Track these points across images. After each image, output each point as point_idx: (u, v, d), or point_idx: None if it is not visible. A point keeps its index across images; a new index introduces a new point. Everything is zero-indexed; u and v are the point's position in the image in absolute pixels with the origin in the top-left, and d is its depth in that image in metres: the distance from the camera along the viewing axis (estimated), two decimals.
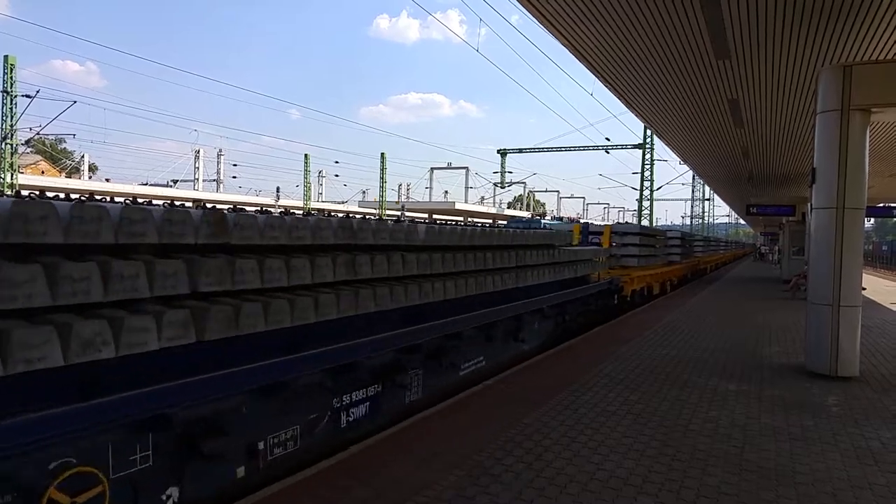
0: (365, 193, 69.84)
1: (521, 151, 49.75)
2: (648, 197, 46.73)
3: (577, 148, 47.91)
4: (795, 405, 5.59)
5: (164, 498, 3.02)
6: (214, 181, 62.20)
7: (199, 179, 59.52)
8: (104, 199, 3.38)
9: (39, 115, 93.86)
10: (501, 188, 52.61)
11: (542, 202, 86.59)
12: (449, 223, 7.61)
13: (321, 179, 68.22)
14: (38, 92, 31.81)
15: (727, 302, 15.32)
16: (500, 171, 50.79)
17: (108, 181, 45.96)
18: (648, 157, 45.77)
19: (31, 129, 35.48)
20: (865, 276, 8.47)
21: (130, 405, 2.74)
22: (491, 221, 41.12)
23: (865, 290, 8.03)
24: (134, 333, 2.86)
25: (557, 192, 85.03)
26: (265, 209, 4.67)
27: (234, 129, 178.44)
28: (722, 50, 8.15)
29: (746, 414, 5.25)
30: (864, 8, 6.66)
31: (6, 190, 32.34)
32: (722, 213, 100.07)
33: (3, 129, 32.11)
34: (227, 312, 3.31)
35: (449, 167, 63.30)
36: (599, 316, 10.98)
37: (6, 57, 31.71)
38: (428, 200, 59.74)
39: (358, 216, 5.47)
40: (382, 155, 53.08)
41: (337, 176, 77.76)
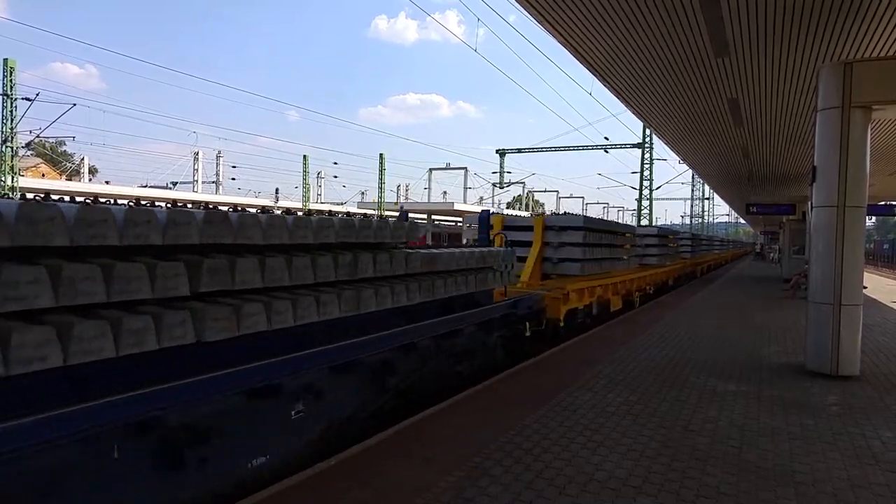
0: (364, 194, 69.92)
1: (519, 151, 49.77)
2: (648, 196, 46.75)
3: (576, 147, 47.95)
4: (795, 405, 5.56)
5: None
6: (213, 183, 62.23)
7: (198, 181, 59.55)
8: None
9: (39, 117, 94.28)
10: (500, 188, 52.66)
11: (541, 202, 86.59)
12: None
13: (320, 181, 68.26)
14: (37, 95, 31.84)
15: (727, 301, 15.29)
16: (498, 171, 50.84)
17: (107, 183, 46.03)
18: (648, 156, 45.83)
19: (30, 131, 35.51)
20: (866, 274, 8.43)
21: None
22: None
23: (867, 288, 7.99)
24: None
25: (556, 192, 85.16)
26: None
27: (232, 130, 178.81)
28: (721, 48, 8.13)
29: (746, 414, 5.23)
30: (864, 4, 6.63)
31: (8, 193, 32.36)
32: (722, 212, 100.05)
33: (3, 132, 32.11)
34: None
35: (448, 168, 63.37)
36: (489, 359, 7.06)
37: (6, 60, 31.70)
38: (427, 201, 59.76)
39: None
40: (381, 156, 53.15)
41: (336, 177, 77.63)
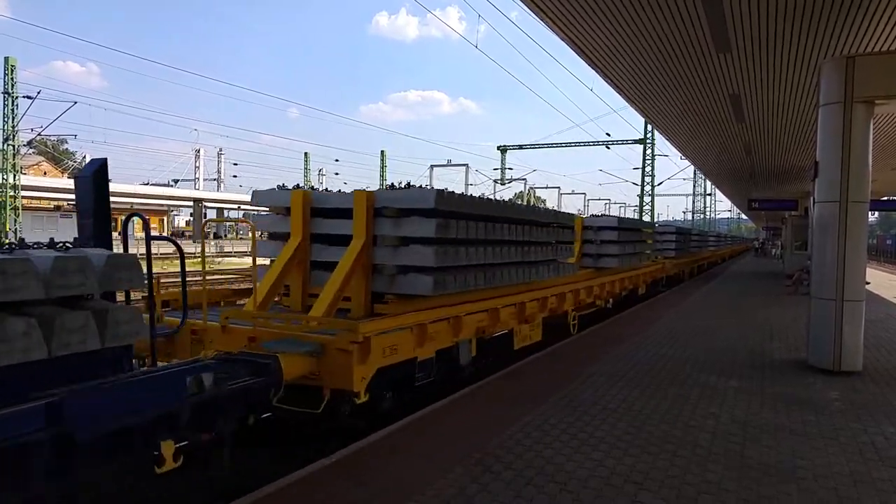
0: None
1: (521, 148, 49.72)
2: (650, 192, 46.68)
3: (577, 144, 47.90)
4: (797, 400, 5.55)
5: None
6: (215, 180, 62.33)
7: (199, 178, 59.61)
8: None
9: (41, 116, 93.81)
10: (502, 185, 52.55)
11: (542, 198, 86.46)
12: None
13: (321, 178, 68.22)
14: (38, 93, 31.92)
15: (729, 297, 15.26)
16: (500, 167, 50.79)
17: (109, 181, 46.00)
18: (649, 152, 45.71)
19: (31, 129, 35.53)
20: (869, 269, 8.41)
21: None
22: None
23: (869, 284, 7.97)
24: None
25: (558, 188, 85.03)
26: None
27: (233, 127, 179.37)
28: (722, 43, 8.09)
29: (748, 410, 5.22)
30: None
31: (10, 192, 32.38)
32: (724, 208, 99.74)
33: (4, 130, 32.15)
34: None
35: (449, 164, 63.11)
36: None
37: (6, 58, 31.74)
38: None
39: None
40: (382, 153, 53.20)
41: (337, 174, 77.57)
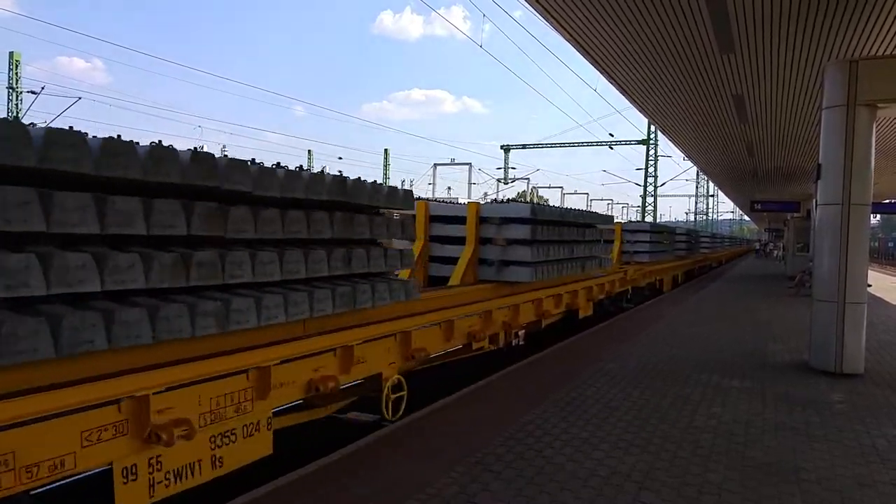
0: None
1: (524, 147, 49.74)
2: (652, 193, 46.64)
3: (580, 144, 47.89)
4: (799, 402, 5.55)
5: None
6: None
7: None
8: None
9: (46, 111, 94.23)
10: (505, 184, 52.55)
11: (545, 198, 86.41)
12: None
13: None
14: (42, 88, 31.95)
15: (730, 298, 15.25)
16: (503, 166, 50.77)
17: None
18: (652, 153, 45.70)
19: (35, 124, 35.58)
20: (871, 272, 8.40)
21: None
22: None
23: (871, 286, 7.97)
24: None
25: (561, 188, 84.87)
26: None
27: (238, 125, 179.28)
28: (726, 44, 8.08)
29: (750, 411, 5.22)
30: (870, 2, 6.58)
31: None
32: (726, 209, 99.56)
33: None
34: None
35: (452, 163, 63.06)
36: None
37: (11, 53, 31.84)
38: (431, 196, 59.71)
39: None
40: (385, 151, 53.20)
41: (340, 172, 77.43)
